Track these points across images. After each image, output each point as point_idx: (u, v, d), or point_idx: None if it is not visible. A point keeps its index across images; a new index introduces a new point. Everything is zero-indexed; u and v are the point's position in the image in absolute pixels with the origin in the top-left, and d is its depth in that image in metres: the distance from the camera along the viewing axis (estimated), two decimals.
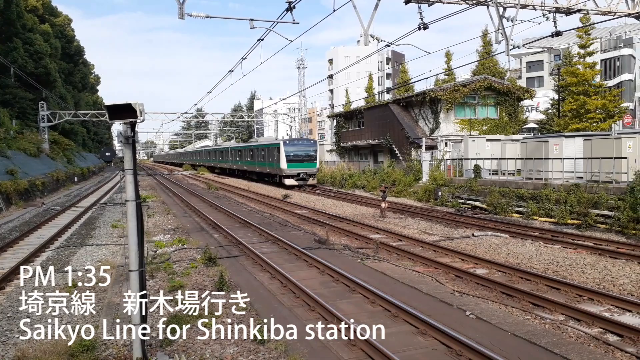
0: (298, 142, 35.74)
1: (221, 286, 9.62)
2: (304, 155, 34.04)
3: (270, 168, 36.59)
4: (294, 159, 33.59)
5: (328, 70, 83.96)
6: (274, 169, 35.69)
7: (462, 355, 6.42)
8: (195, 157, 78.33)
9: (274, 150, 35.12)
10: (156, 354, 6.59)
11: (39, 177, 33.09)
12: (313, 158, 34.18)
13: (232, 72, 21.20)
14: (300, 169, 33.50)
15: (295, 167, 33.39)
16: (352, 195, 28.35)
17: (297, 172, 33.36)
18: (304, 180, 33.49)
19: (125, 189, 6.16)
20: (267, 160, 37.43)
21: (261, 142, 42.42)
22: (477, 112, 32.71)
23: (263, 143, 40.08)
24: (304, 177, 33.49)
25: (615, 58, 48.99)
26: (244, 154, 45.94)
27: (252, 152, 42.77)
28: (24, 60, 47.12)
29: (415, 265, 11.64)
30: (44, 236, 16.33)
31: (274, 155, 35.24)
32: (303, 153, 34.02)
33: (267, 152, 37.32)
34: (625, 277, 9.97)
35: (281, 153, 33.63)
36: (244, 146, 47.53)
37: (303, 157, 33.89)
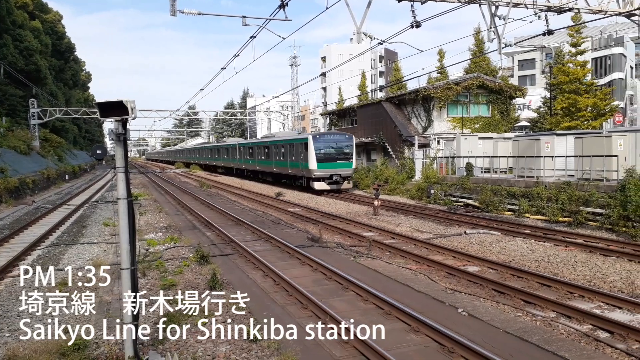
0: (330, 136, 29.26)
1: (214, 284, 9.59)
2: (338, 152, 28.14)
3: (294, 169, 30.32)
4: (326, 158, 27.73)
5: (321, 68, 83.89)
6: (298, 169, 29.49)
7: (455, 353, 6.45)
8: (193, 154, 71.94)
9: (300, 146, 28.99)
10: (148, 352, 6.56)
11: (30, 175, 32.81)
12: (349, 156, 28.31)
13: (225, 69, 21.14)
14: (333, 170, 27.63)
15: (327, 168, 27.53)
16: (345, 193, 28.36)
17: (329, 173, 27.50)
18: (338, 183, 27.67)
19: (117, 186, 6.12)
20: (289, 159, 31.16)
21: (280, 137, 35.69)
22: (470, 110, 32.83)
23: (283, 138, 33.72)
24: (338, 180, 27.60)
25: (606, 57, 49.32)
26: (256, 152, 39.04)
27: (267, 149, 36.09)
28: (13, 56, 46.64)
29: (408, 263, 11.67)
30: (34, 234, 16.19)
31: (298, 152, 29.16)
32: (337, 150, 28.16)
33: (289, 149, 30.94)
34: (615, 274, 10.05)
35: (310, 150, 27.46)
36: (256, 142, 40.28)
37: (336, 155, 28.02)
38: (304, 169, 28.49)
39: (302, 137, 29.58)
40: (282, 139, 33.66)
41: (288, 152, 31.18)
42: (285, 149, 31.83)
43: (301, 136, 30.91)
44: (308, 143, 27.75)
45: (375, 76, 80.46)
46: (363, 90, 58.57)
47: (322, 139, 28.49)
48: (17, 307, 8.67)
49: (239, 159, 44.38)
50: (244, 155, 42.71)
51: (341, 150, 28.31)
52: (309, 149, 27.63)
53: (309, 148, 27.63)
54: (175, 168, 74.42)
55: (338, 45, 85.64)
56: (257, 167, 39.04)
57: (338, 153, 28.17)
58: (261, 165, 37.94)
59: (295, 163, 29.90)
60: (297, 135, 33.75)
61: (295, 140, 30.42)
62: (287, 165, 31.43)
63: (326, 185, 27.57)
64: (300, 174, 29.53)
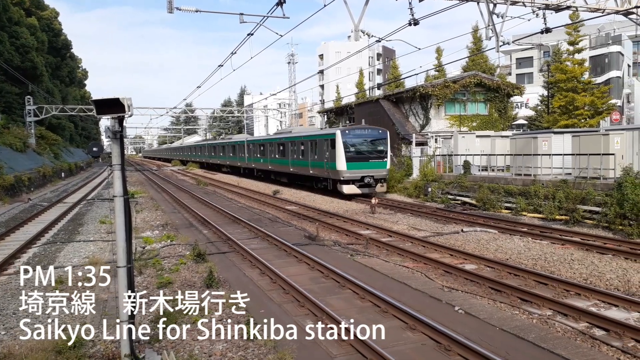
0: (362, 131, 24.80)
1: (210, 282, 9.58)
2: (371, 150, 24.31)
3: (316, 169, 26.36)
4: (357, 157, 23.79)
5: (319, 65, 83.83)
6: (322, 170, 25.60)
7: (451, 350, 6.45)
8: (194, 152, 67.65)
9: (325, 143, 25.08)
10: (144, 350, 6.54)
11: (25, 173, 32.70)
12: (383, 155, 24.44)
13: (222, 66, 21.03)
14: (365, 171, 23.63)
15: (358, 169, 23.59)
16: None
17: (360, 174, 23.57)
18: (370, 187, 23.70)
19: (113, 184, 6.09)
20: (310, 158, 27.13)
21: (299, 132, 31.96)
22: (467, 108, 32.83)
23: (303, 134, 29.79)
24: (370, 183, 23.60)
25: (604, 55, 49.37)
26: (268, 150, 35.01)
27: (282, 146, 31.95)
28: (9, 53, 46.45)
29: (405, 261, 11.67)
30: (30, 232, 16.14)
31: (323, 150, 25.29)
32: (369, 147, 24.33)
33: (310, 147, 27.09)
34: (611, 272, 10.07)
35: (338, 147, 23.61)
36: (269, 139, 36.15)
37: (369, 153, 24.20)
38: (329, 169, 24.55)
39: (329, 133, 25.48)
40: (302, 134, 29.58)
41: (309, 150, 27.15)
42: (305, 147, 27.81)
43: (327, 131, 26.87)
44: (336, 139, 23.75)
45: (373, 74, 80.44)
46: (361, 88, 58.53)
47: (352, 134, 24.17)
48: (13, 305, 8.64)
49: (247, 157, 40.31)
50: (254, 153, 38.53)
51: (374, 147, 24.42)
52: (336, 145, 23.68)
53: (336, 145, 23.69)
54: (172, 166, 74.25)
55: (336, 42, 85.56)
56: (270, 167, 34.80)
57: (371, 151, 24.31)
58: (275, 165, 33.84)
59: (319, 162, 25.92)
60: (321, 130, 29.74)
61: (320, 136, 26.26)
62: (308, 164, 27.33)
63: (357, 188, 23.58)
64: (324, 175, 25.56)
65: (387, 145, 24.62)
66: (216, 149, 53.42)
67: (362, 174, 23.58)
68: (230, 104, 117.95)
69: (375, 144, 24.52)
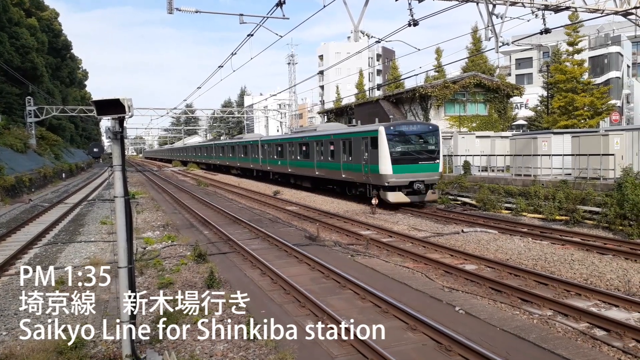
0: (409, 127, 21.08)
1: (211, 283, 9.59)
2: (420, 149, 20.56)
3: (351, 172, 22.53)
4: (405, 158, 20.00)
5: (319, 66, 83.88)
6: (359, 174, 21.73)
7: (452, 351, 6.46)
8: (200, 153, 63.78)
9: (363, 142, 21.32)
10: (145, 351, 6.55)
11: (26, 173, 32.72)
12: (434, 155, 20.50)
13: (222, 67, 21.08)
14: (413, 175, 19.80)
15: (405, 172, 19.71)
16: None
17: (408, 179, 19.71)
18: (420, 194, 19.97)
19: (114, 185, 6.10)
20: (343, 160, 23.18)
21: (326, 130, 27.11)
22: (467, 108, 32.87)
23: (334, 132, 25.42)
24: (420, 190, 19.77)
25: (603, 56, 49.41)
26: (287, 150, 31.08)
27: (305, 146, 27.99)
28: (10, 54, 46.47)
29: (405, 261, 11.68)
30: (31, 233, 16.15)
31: (360, 150, 21.52)
32: (419, 146, 20.67)
33: (343, 146, 23.20)
34: (612, 272, 10.08)
35: (381, 146, 19.79)
36: (289, 138, 32.29)
37: (418, 153, 20.42)
38: (370, 173, 20.66)
39: (368, 130, 21.59)
40: (332, 132, 25.53)
41: (341, 150, 23.32)
42: (336, 146, 23.99)
43: (365, 128, 22.93)
44: (379, 137, 19.96)
45: (372, 74, 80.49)
46: (360, 88, 58.60)
47: (398, 130, 20.48)
48: (14, 305, 8.66)
49: (262, 158, 36.44)
50: (270, 154, 34.53)
51: (424, 146, 20.65)
52: (379, 144, 19.87)
53: (379, 144, 19.87)
54: (172, 166, 74.22)
55: (335, 43, 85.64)
56: (290, 170, 30.72)
57: (420, 150, 20.49)
58: (295, 168, 29.81)
59: (354, 165, 22.07)
60: (356, 126, 25.91)
61: (356, 134, 22.47)
62: (339, 167, 23.51)
63: (404, 196, 19.83)
64: (361, 179, 21.69)
65: (439, 143, 20.80)
66: (225, 149, 49.36)
67: (411, 179, 19.72)
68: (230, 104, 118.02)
69: (425, 142, 20.76)
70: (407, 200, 19.97)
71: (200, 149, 64.82)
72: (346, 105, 43.66)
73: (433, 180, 20.49)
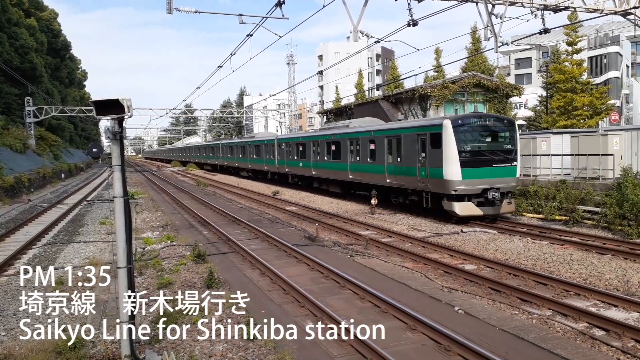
0: (480, 121, 16.78)
1: (210, 283, 9.59)
2: (494, 149, 16.62)
3: (401, 177, 18.65)
4: (476, 160, 16.15)
5: (318, 66, 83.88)
6: (413, 179, 17.75)
7: (451, 351, 6.46)
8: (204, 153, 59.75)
9: (421, 139, 17.37)
10: (145, 351, 6.55)
11: (25, 174, 32.70)
12: (511, 156, 16.60)
13: (222, 67, 21.09)
14: (488, 181, 16.02)
15: (478, 177, 15.99)
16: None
17: (481, 186, 15.91)
18: (494, 204, 16.03)
19: (113, 185, 6.10)
20: (389, 161, 19.56)
21: (365, 127, 23.10)
22: (466, 108, 32.84)
23: (377, 128, 21.70)
24: (494, 199, 15.87)
25: (602, 55, 49.44)
26: (311, 150, 27.31)
27: (335, 145, 24.34)
28: (9, 54, 46.47)
29: (405, 261, 11.69)
30: (30, 233, 16.14)
31: (415, 149, 17.61)
32: (492, 145, 16.74)
33: (389, 145, 19.55)
34: (611, 272, 10.09)
35: (447, 145, 16.00)
36: (314, 136, 27.85)
37: (492, 153, 16.46)
38: (429, 178, 16.84)
39: (428, 124, 17.61)
40: (373, 128, 21.76)
41: (386, 150, 19.62)
42: (379, 145, 20.18)
43: (423, 122, 19.22)
44: (443, 133, 16.12)
45: (372, 75, 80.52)
46: (360, 88, 58.59)
47: (468, 125, 16.48)
48: (13, 305, 8.65)
49: (278, 159, 32.84)
50: (289, 154, 30.91)
51: (499, 144, 16.80)
52: (444, 143, 16.07)
53: (445, 141, 16.06)
54: (172, 167, 74.16)
55: (335, 43, 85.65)
56: (314, 172, 27.01)
57: (494, 150, 16.57)
58: (321, 170, 26.13)
59: (406, 168, 18.17)
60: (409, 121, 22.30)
61: (410, 129, 18.37)
62: (384, 170, 19.67)
63: (475, 207, 16.03)
64: (415, 186, 17.81)
65: (515, 142, 16.84)
66: (234, 149, 45.03)
67: (484, 186, 15.93)
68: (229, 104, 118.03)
69: (500, 140, 16.91)
70: (479, 213, 16.05)
71: (205, 149, 60.89)
72: (345, 105, 43.65)
73: (509, 187, 16.59)
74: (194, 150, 69.18)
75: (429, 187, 17.05)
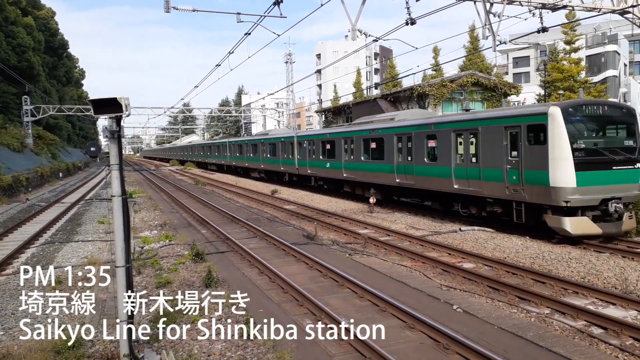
0: (596, 109, 13.16)
1: (209, 282, 9.59)
2: (613, 146, 13.11)
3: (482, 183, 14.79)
4: (594, 160, 12.61)
5: (316, 65, 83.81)
6: (497, 185, 14.24)
7: (450, 349, 6.47)
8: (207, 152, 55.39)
9: (511, 133, 13.85)
10: (143, 350, 6.54)
11: (23, 173, 32.63)
12: (634, 156, 13.09)
13: (219, 66, 21.09)
14: (607, 189, 12.58)
15: (596, 184, 12.53)
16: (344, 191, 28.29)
17: (600, 195, 12.53)
18: (616, 219, 12.53)
19: (111, 184, 6.09)
20: (458, 162, 15.91)
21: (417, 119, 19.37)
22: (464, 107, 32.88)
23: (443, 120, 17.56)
24: (617, 212, 12.35)
25: (600, 54, 49.53)
26: (341, 149, 23.59)
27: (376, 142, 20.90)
28: (6, 53, 46.34)
29: (403, 260, 11.70)
30: (28, 232, 16.11)
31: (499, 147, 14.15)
32: (611, 141, 13.41)
33: (457, 141, 16.07)
34: (609, 270, 10.11)
35: (555, 142, 12.47)
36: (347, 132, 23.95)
37: (611, 152, 12.90)
38: (528, 185, 13.19)
39: (526, 113, 13.70)
40: (433, 121, 17.81)
41: (452, 147, 15.94)
42: (442, 142, 16.46)
43: (517, 110, 14.58)
44: (550, 124, 12.58)
45: (370, 73, 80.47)
46: (358, 87, 58.57)
47: (581, 114, 12.86)
48: (12, 305, 8.64)
49: (299, 159, 29.28)
50: (312, 154, 27.36)
51: (619, 141, 13.33)
52: (552, 137, 12.53)
53: (553, 136, 12.52)
54: (170, 165, 74.05)
55: (333, 42, 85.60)
56: (345, 175, 23.31)
57: (613, 148, 13.01)
58: (355, 172, 22.48)
59: (489, 172, 14.43)
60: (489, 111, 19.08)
61: (493, 120, 14.73)
62: (450, 174, 15.91)
63: (592, 224, 12.49)
64: (501, 194, 14.11)
65: (638, 138, 13.23)
66: (242, 148, 41.84)
67: (604, 195, 12.47)
68: (227, 103, 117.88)
69: (620, 135, 13.48)
70: (597, 232, 12.45)
71: (209, 147, 56.86)
72: (344, 104, 43.64)
73: (632, 197, 12.97)
74: (196, 149, 66.34)
75: (524, 197, 13.24)
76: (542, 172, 12.67)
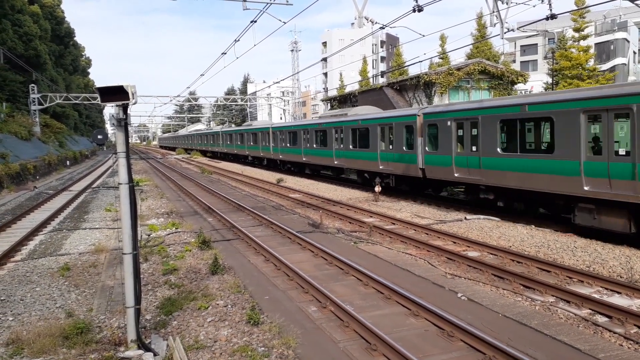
0: None
1: (215, 269, 9.66)
2: None
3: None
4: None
5: (322, 53, 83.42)
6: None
7: (454, 337, 6.50)
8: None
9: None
10: (150, 336, 6.62)
11: (31, 161, 32.83)
12: None
13: (225, 54, 21.01)
14: None
15: None
16: (346, 179, 28.35)
17: None
18: None
19: (118, 172, 6.13)
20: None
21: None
22: (471, 95, 32.66)
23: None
24: None
25: (610, 42, 48.95)
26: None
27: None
28: (13, 42, 46.39)
29: (408, 248, 11.72)
30: (36, 220, 16.26)
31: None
32: None
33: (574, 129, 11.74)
34: (614, 259, 10.09)
35: None
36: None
37: None
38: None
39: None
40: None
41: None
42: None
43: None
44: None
45: (376, 61, 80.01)
46: (364, 75, 58.28)
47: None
48: (21, 291, 8.76)
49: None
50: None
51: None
52: None
53: None
54: (176, 154, 74.16)
55: (339, 30, 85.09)
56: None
57: None
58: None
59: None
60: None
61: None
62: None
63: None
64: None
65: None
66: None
67: None
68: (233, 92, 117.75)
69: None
70: None
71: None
72: (350, 92, 43.46)
73: None
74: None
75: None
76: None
